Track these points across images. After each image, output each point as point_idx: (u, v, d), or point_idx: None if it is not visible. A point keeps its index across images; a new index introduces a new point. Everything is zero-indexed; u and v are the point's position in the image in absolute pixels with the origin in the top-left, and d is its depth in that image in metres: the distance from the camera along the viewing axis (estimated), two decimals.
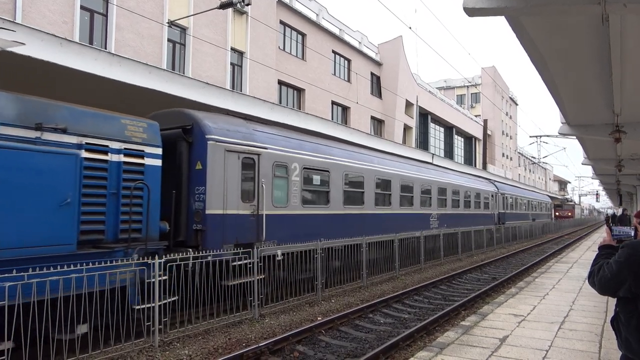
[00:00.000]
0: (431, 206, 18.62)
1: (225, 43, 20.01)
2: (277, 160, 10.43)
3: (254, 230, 9.69)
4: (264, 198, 9.85)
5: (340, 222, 12.61)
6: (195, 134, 8.99)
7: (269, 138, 10.47)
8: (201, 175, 8.84)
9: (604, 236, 3.12)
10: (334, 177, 12.43)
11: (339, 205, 12.59)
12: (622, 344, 2.77)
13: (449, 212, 20.33)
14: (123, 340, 6.99)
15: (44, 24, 13.21)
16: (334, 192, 12.41)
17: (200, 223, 8.76)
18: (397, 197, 15.79)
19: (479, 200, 24.97)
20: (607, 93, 10.76)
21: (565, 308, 8.45)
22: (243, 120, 10.58)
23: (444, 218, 19.49)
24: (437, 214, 18.87)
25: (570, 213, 65.67)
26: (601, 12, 5.78)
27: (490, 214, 26.82)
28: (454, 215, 20.98)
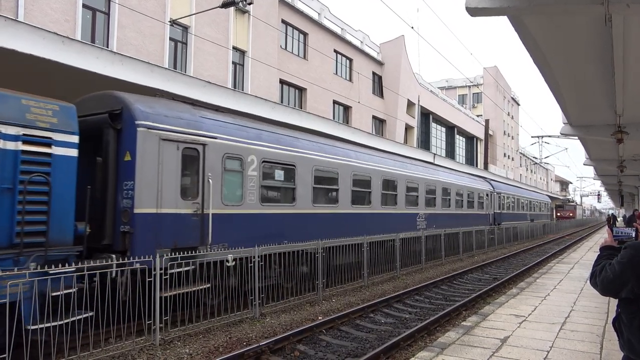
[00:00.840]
0: (418, 205, 17.35)
1: (227, 42, 20.01)
2: (229, 152, 9.20)
3: (197, 232, 8.45)
4: (211, 195, 8.65)
5: (309, 222, 11.40)
6: (125, 119, 7.77)
7: (219, 126, 9.23)
8: (130, 168, 7.64)
9: (605, 237, 3.10)
10: (301, 172, 11.14)
11: (306, 203, 11.35)
12: (624, 345, 2.76)
13: (438, 212, 19.07)
14: (124, 339, 7.00)
15: (46, 22, 13.22)
16: (302, 189, 11.15)
17: (128, 224, 7.53)
18: (378, 195, 14.52)
19: (473, 200, 23.67)
20: (610, 94, 10.74)
21: (566, 309, 8.44)
22: (189, 106, 9.22)
23: (432, 218, 18.27)
24: (424, 214, 17.68)
25: (572, 214, 65.60)
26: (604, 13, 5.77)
27: (485, 214, 25.51)
28: (444, 215, 19.72)
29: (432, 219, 18.24)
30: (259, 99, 15.49)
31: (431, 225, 17.93)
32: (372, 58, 33.89)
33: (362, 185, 13.87)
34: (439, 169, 21.79)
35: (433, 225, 18.02)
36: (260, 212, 9.95)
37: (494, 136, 57.41)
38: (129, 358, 6.54)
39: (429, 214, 18.10)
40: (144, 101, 8.21)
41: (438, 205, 19.23)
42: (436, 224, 18.30)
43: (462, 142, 52.22)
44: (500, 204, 28.41)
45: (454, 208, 20.99)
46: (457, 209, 21.51)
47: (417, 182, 17.33)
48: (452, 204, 20.77)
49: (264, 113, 14.53)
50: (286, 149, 10.89)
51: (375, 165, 14.61)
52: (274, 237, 9.96)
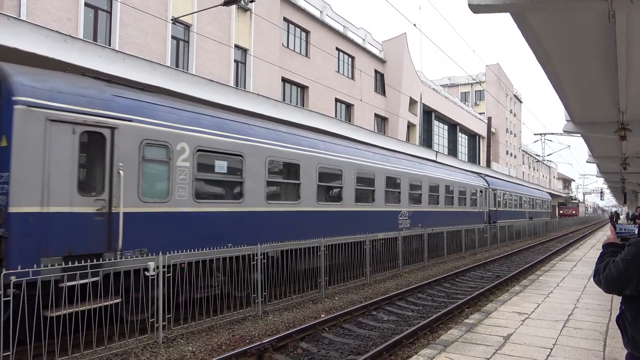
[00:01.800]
0: (400, 202, 15.75)
1: (229, 40, 20.00)
2: (149, 138, 7.70)
3: (103, 235, 6.96)
4: (122, 190, 7.16)
5: (261, 222, 9.90)
6: (2, 95, 6.47)
7: (137, 107, 7.71)
8: (4, 157, 6.26)
9: (608, 234, 3.10)
10: (252, 164, 9.62)
11: (258, 200, 9.79)
12: (628, 342, 2.75)
13: (424, 209, 17.56)
14: (127, 337, 7.02)
15: (49, 21, 13.24)
16: (252, 183, 9.61)
17: (2, 226, 6.17)
18: (351, 191, 12.96)
19: (465, 197, 22.08)
20: (613, 90, 10.70)
21: (569, 306, 8.42)
22: (100, 82, 7.67)
23: (418, 216, 16.78)
24: (408, 212, 16.12)
25: (575, 211, 65.51)
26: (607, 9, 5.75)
27: (479, 212, 24.01)
28: (432, 213, 18.22)
29: (418, 218, 16.79)
30: (261, 97, 15.50)
31: (416, 224, 16.51)
32: (374, 56, 33.83)
33: (331, 179, 12.46)
34: (427, 163, 19.96)
35: (418, 224, 16.60)
36: (193, 210, 8.39)
37: (497, 134, 57.28)
38: (132, 356, 6.56)
39: (414, 212, 16.57)
40: (30, 73, 6.79)
41: (424, 202, 17.68)
42: (422, 223, 16.87)
43: (464, 139, 52.12)
44: (495, 201, 27.03)
45: (443, 205, 19.43)
46: (447, 206, 20.01)
47: (399, 177, 15.76)
48: (441, 200, 19.26)
49: (265, 111, 14.54)
50: (231, 136, 9.27)
51: (348, 157, 13.04)
52: (212, 240, 8.45)
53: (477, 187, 24.12)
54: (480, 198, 24.37)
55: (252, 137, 9.83)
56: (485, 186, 25.58)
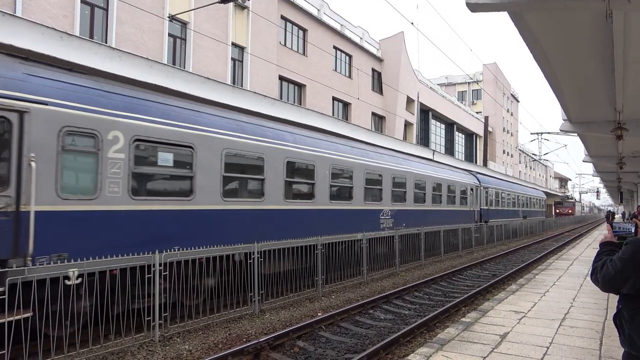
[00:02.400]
0: (382, 201, 14.66)
1: (226, 38, 19.95)
2: (71, 125, 6.69)
3: (8, 238, 6.00)
4: (34, 184, 6.16)
5: (216, 221, 8.86)
6: None
7: (55, 88, 6.66)
8: None
9: (605, 233, 3.10)
10: (204, 157, 8.58)
11: (213, 197, 8.75)
12: (624, 340, 2.75)
13: (409, 208, 16.50)
14: (123, 335, 7.00)
15: (44, 18, 13.17)
16: (204, 178, 8.57)
17: None
18: (325, 187, 11.86)
19: (454, 195, 21.05)
20: (610, 90, 10.72)
21: (565, 305, 8.45)
22: (9, 57, 6.72)
23: (401, 216, 15.71)
24: (390, 211, 15.04)
25: (571, 210, 65.77)
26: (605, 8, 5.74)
27: (469, 211, 23.02)
28: (417, 212, 17.13)
29: (401, 217, 15.67)
30: (258, 95, 15.46)
31: (399, 223, 15.42)
32: (372, 54, 33.82)
33: (302, 175, 11.44)
34: (412, 159, 18.72)
35: (402, 224, 15.51)
36: (129, 208, 7.40)
37: (494, 133, 57.39)
38: (128, 355, 6.54)
39: (397, 210, 15.48)
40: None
41: (409, 200, 16.54)
42: (407, 223, 15.83)
43: (461, 138, 52.21)
44: (487, 199, 26.11)
45: (430, 204, 18.30)
46: (435, 205, 18.88)
47: (380, 173, 14.63)
48: (427, 199, 18.14)
49: (263, 109, 14.51)
50: (178, 124, 8.23)
51: (321, 151, 11.93)
52: (157, 244, 7.46)
53: (468, 185, 23.15)
54: (471, 196, 23.42)
55: (205, 126, 8.74)
56: (477, 184, 24.70)
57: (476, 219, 23.73)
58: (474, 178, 24.96)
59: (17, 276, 5.62)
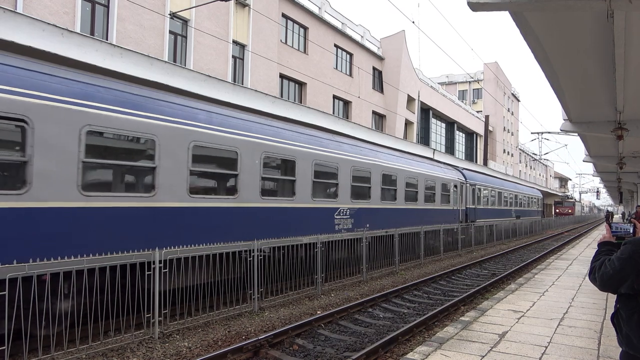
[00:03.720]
0: (338, 198, 12.49)
1: (227, 36, 19.94)
2: None
3: None
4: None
5: (80, 224, 6.73)
6: None
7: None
8: None
9: (604, 233, 3.10)
10: (54, 136, 6.47)
11: (65, 191, 6.54)
12: (622, 340, 2.76)
13: (374, 206, 14.30)
14: (123, 332, 7.01)
15: (45, 14, 13.16)
16: (52, 165, 6.44)
17: None
18: (254, 181, 9.52)
19: (434, 192, 18.80)
20: (610, 90, 10.72)
21: (564, 305, 8.46)
22: None
23: (364, 215, 13.59)
24: (349, 210, 12.90)
25: (571, 210, 65.83)
26: (606, 8, 5.74)
27: (453, 210, 20.88)
28: (386, 211, 14.92)
29: (364, 217, 13.62)
30: (258, 93, 15.45)
31: (361, 224, 13.39)
32: (373, 53, 33.79)
33: (219, 165, 9.28)
34: (380, 149, 16.25)
35: (365, 225, 13.49)
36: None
37: (494, 132, 57.36)
38: (128, 351, 6.55)
39: (359, 209, 13.40)
40: None
41: (375, 197, 14.34)
42: (372, 223, 13.85)
43: (461, 137, 52.19)
44: (475, 197, 24.06)
45: (402, 202, 16.10)
46: (409, 203, 16.69)
47: (336, 165, 12.42)
48: (399, 196, 15.92)
49: (263, 107, 14.50)
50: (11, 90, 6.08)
51: (248, 136, 9.58)
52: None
53: (451, 181, 20.85)
54: (455, 194, 21.28)
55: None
56: (462, 180, 22.49)
57: (461, 218, 21.69)
58: (458, 174, 22.79)
59: (18, 272, 5.64)
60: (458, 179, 21.96)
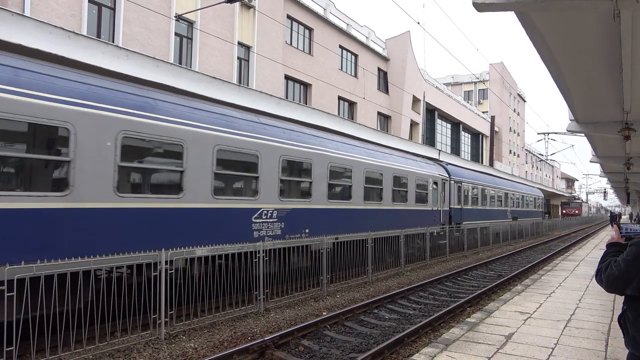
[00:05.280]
0: (258, 196, 9.69)
1: (232, 37, 19.99)
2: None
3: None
4: None
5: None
6: None
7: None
8: None
9: (613, 234, 3.09)
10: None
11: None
12: (629, 341, 2.75)
13: (317, 207, 11.44)
14: (129, 333, 7.05)
15: (52, 17, 13.26)
16: None
17: None
18: (98, 172, 6.98)
19: (405, 190, 15.88)
20: (617, 90, 10.65)
21: (571, 306, 8.41)
22: None
23: (300, 217, 10.87)
24: (276, 211, 10.11)
25: (578, 211, 65.47)
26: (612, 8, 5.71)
27: (432, 211, 17.97)
28: (334, 212, 12.08)
29: (302, 219, 10.95)
30: (263, 94, 15.48)
31: (298, 229, 10.79)
32: (378, 54, 33.76)
33: (138, 154, 7.77)
34: (329, 136, 13.12)
35: (304, 230, 10.91)
36: None
37: (500, 133, 57.15)
38: (134, 352, 6.58)
39: (292, 210, 10.66)
40: None
41: (318, 195, 11.49)
42: (315, 227, 11.22)
43: (467, 138, 52.02)
44: (461, 196, 21.26)
45: (360, 201, 13.25)
46: (370, 202, 13.82)
47: (255, 154, 9.66)
48: (355, 194, 13.03)
49: (268, 108, 14.52)
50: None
51: (113, 111, 7.26)
52: None
53: (429, 178, 17.97)
54: (435, 192, 18.36)
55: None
56: (444, 177, 19.58)
57: (442, 220, 19.02)
58: (440, 169, 19.84)
59: (26, 273, 5.68)
60: (439, 175, 19.09)
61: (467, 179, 22.70)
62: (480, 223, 22.90)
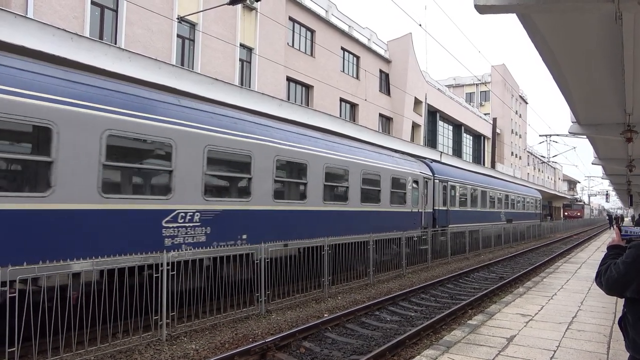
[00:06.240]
0: (172, 194, 7.81)
1: (234, 39, 20.03)
2: None
3: None
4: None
5: None
6: None
7: None
8: None
9: (613, 236, 3.09)
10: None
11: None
12: (629, 344, 2.75)
13: (257, 207, 9.55)
14: (131, 334, 7.05)
15: (55, 19, 13.30)
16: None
17: None
18: None
19: (378, 189, 14.00)
20: (619, 92, 10.65)
21: (573, 308, 8.39)
22: None
23: (233, 220, 8.96)
24: (198, 213, 8.26)
25: (580, 213, 65.31)
26: (614, 10, 5.72)
27: (411, 213, 16.06)
28: (282, 214, 10.23)
29: (238, 223, 9.07)
30: (265, 96, 15.51)
31: (233, 233, 8.91)
32: (380, 56, 33.78)
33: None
34: (281, 125, 11.18)
35: (241, 236, 9.05)
36: None
37: (502, 134, 57.10)
38: (136, 353, 6.59)
39: (224, 212, 8.77)
40: None
41: (260, 194, 9.59)
42: (254, 232, 9.32)
43: (469, 140, 51.98)
44: (447, 197, 19.41)
45: (318, 202, 11.36)
46: (332, 203, 11.94)
47: (168, 142, 7.76)
48: (312, 193, 11.14)
49: (270, 110, 14.55)
50: None
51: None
52: None
53: (409, 176, 16.10)
54: (414, 192, 16.50)
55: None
56: (427, 175, 17.73)
57: (425, 223, 17.16)
58: (422, 166, 17.96)
59: (28, 274, 5.69)
60: (421, 173, 17.18)
61: (454, 178, 20.69)
62: (470, 226, 21.29)
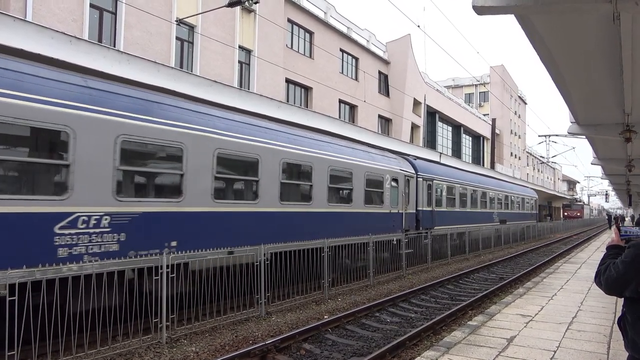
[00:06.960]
0: (70, 193, 6.51)
1: (233, 41, 20.05)
2: None
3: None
4: None
5: None
6: None
7: None
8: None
9: (613, 236, 3.10)
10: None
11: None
12: (628, 344, 2.75)
13: (191, 209, 8.21)
14: (131, 337, 7.04)
15: (54, 22, 13.30)
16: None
17: None
18: None
19: (350, 187, 12.78)
20: (618, 92, 10.66)
21: (573, 309, 8.39)
22: None
23: (155, 225, 7.62)
24: (108, 217, 6.91)
25: (579, 213, 65.34)
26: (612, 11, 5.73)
27: (389, 214, 14.69)
28: (225, 216, 8.95)
29: (160, 227, 7.70)
30: (264, 98, 15.52)
31: (157, 241, 7.58)
32: (378, 57, 33.82)
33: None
34: (226, 114, 9.74)
35: (169, 243, 7.76)
36: None
37: (501, 135, 57.13)
38: (136, 356, 6.58)
39: (141, 214, 7.43)
40: None
41: (195, 193, 8.29)
42: (184, 238, 7.98)
43: (468, 141, 52.01)
44: (432, 196, 18.06)
45: (274, 202, 10.09)
46: (289, 203, 10.58)
47: (65, 129, 6.50)
48: (266, 192, 9.86)
49: (269, 112, 14.55)
50: None
51: None
52: None
53: (387, 173, 14.64)
54: (394, 191, 15.05)
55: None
56: (409, 173, 16.35)
57: (407, 225, 15.78)
58: (404, 163, 16.57)
59: (28, 278, 5.68)
60: (401, 170, 15.75)
61: (440, 176, 19.23)
62: (458, 228, 20.14)
